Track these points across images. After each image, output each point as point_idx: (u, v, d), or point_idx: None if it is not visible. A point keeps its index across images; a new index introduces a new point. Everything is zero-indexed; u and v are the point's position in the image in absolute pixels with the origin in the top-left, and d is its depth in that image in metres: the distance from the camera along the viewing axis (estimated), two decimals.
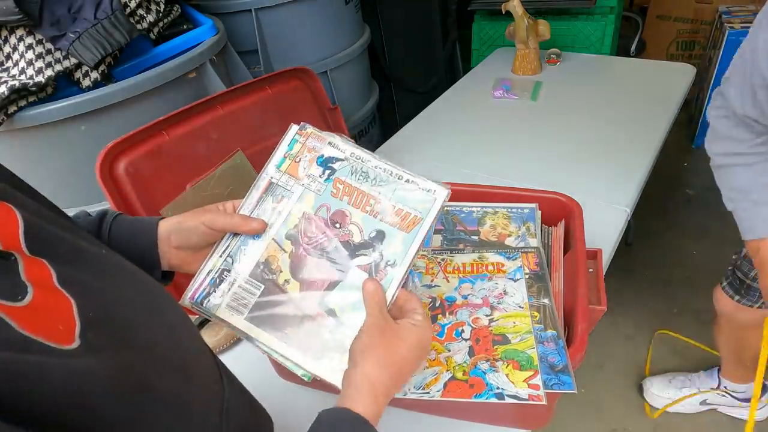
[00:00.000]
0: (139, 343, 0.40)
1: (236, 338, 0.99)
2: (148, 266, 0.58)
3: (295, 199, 0.61)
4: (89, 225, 0.59)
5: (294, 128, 0.65)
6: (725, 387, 1.46)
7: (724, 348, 1.38)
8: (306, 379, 0.56)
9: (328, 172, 0.61)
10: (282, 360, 0.56)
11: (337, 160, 0.62)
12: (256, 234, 0.61)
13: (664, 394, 1.54)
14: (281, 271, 0.59)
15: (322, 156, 0.62)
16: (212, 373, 0.51)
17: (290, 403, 0.85)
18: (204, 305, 0.59)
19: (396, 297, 0.56)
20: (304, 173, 0.62)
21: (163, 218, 0.62)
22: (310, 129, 0.64)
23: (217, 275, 0.60)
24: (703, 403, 1.51)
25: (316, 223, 0.60)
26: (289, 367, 0.56)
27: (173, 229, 0.60)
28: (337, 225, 0.59)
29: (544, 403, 0.61)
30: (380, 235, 0.58)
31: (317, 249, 0.59)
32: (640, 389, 1.61)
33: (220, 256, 0.61)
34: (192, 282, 0.60)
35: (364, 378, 0.49)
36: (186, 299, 0.60)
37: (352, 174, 0.60)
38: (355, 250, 0.58)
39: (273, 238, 0.60)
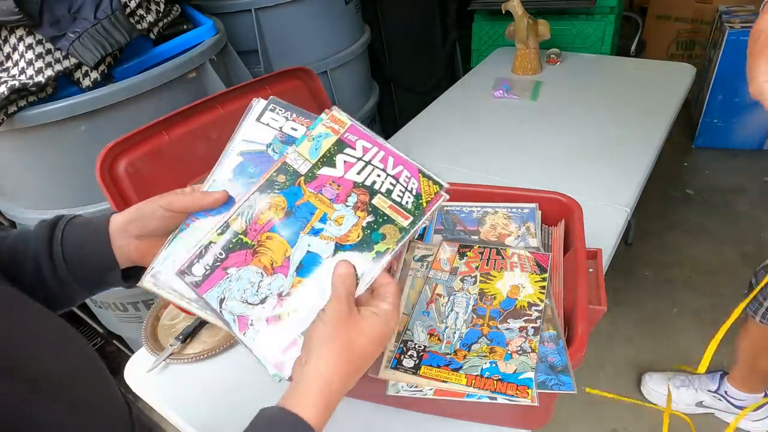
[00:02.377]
0: (23, 374, 0.39)
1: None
2: (105, 267, 0.57)
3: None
4: (41, 233, 0.56)
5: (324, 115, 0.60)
6: (726, 392, 1.46)
7: (743, 352, 1.38)
8: (276, 380, 0.51)
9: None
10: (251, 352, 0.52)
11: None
12: (217, 206, 0.56)
13: (662, 389, 1.55)
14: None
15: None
16: (120, 416, 0.49)
17: None
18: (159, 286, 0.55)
19: (373, 279, 0.53)
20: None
21: (116, 213, 0.58)
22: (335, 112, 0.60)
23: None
24: (700, 404, 1.51)
25: None
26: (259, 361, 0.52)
27: (131, 217, 0.57)
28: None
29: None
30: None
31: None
32: (639, 382, 1.61)
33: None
34: (151, 264, 0.56)
35: (319, 376, 0.46)
36: (145, 280, 0.55)
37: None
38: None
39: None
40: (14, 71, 1.09)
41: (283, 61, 1.62)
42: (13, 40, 1.09)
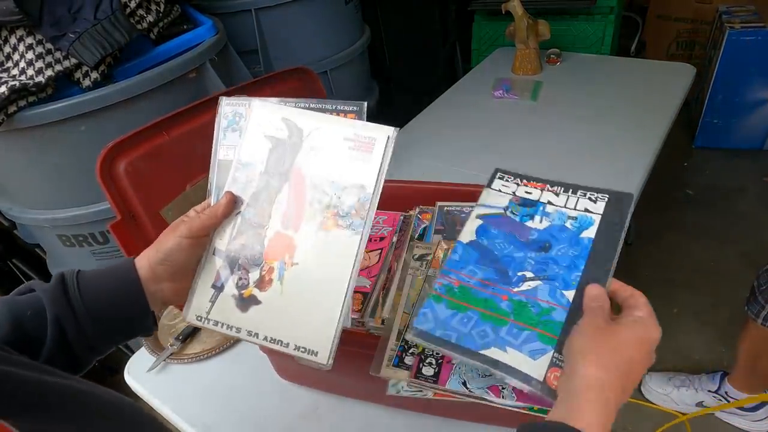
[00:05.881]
0: None
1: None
2: (138, 318, 0.55)
3: None
4: (53, 294, 0.51)
5: None
6: (726, 392, 1.46)
7: (744, 353, 1.38)
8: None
9: None
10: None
11: None
12: (231, 209, 0.58)
13: (662, 390, 1.55)
14: None
15: None
16: None
17: (290, 403, 0.85)
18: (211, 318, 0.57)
19: (616, 291, 0.53)
20: None
21: (134, 257, 0.56)
22: None
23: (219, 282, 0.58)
24: (699, 404, 1.51)
25: None
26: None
27: (157, 259, 0.55)
28: None
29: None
30: None
31: None
32: (639, 382, 1.61)
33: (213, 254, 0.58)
34: (193, 297, 0.57)
35: (591, 382, 0.43)
36: (189, 314, 0.57)
37: None
38: None
39: None
40: (14, 71, 1.09)
41: (283, 61, 1.62)
42: (13, 40, 1.09)
